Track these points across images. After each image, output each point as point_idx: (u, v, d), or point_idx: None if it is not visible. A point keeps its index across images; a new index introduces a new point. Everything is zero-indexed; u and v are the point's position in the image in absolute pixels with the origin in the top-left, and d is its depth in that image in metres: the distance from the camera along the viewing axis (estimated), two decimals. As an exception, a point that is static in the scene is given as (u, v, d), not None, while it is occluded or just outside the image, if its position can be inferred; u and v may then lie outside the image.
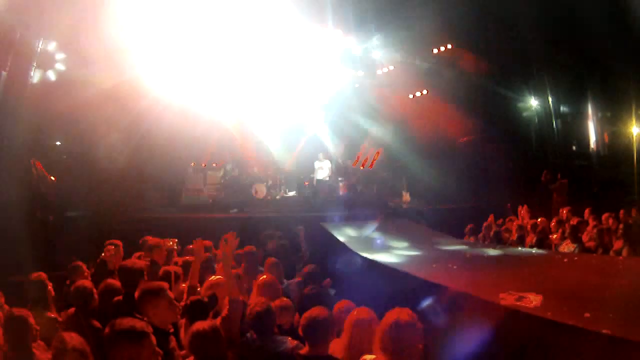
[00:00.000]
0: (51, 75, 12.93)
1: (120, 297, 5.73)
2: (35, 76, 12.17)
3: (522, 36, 17.95)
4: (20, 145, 12.13)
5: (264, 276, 6.20)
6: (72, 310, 5.65)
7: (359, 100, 21.50)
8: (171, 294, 4.57)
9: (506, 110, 18.81)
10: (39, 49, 12.23)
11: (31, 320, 4.55)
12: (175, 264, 7.59)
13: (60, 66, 13.10)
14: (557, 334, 4.20)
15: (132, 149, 15.09)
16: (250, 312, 4.82)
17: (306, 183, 17.58)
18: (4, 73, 11.44)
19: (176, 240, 9.10)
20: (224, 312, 4.98)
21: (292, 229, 10.14)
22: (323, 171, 18.34)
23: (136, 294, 4.53)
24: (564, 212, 12.88)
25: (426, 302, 5.81)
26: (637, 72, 16.13)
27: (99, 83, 13.42)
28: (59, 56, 13.07)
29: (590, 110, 18.54)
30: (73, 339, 3.90)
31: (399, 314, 3.89)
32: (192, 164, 18.69)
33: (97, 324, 5.14)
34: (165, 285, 4.67)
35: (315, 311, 4.41)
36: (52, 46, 12.87)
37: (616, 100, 17.84)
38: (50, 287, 6.02)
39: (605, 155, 18.25)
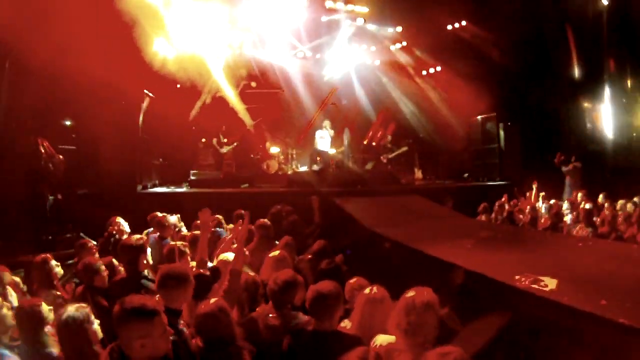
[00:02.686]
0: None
1: (124, 275, 5.75)
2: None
3: (539, 15, 17.73)
4: (29, 125, 12.19)
5: (276, 252, 6.17)
6: (80, 288, 5.65)
7: (371, 75, 21.40)
8: (191, 284, 4.50)
9: (520, 90, 18.59)
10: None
11: (42, 309, 4.49)
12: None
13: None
14: (573, 320, 4.16)
15: (140, 125, 15.08)
16: (275, 280, 4.78)
17: (318, 158, 17.43)
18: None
19: (178, 215, 9.13)
20: (224, 284, 4.94)
21: (305, 199, 10.09)
22: (324, 140, 17.95)
23: (159, 276, 4.45)
24: (579, 195, 12.82)
25: (440, 281, 5.77)
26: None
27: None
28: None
29: (606, 95, 18.36)
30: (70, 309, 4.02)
31: (419, 293, 3.82)
32: (203, 139, 18.72)
33: (104, 302, 5.11)
34: (190, 270, 4.60)
35: (322, 285, 4.31)
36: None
37: (633, 87, 17.66)
38: (55, 267, 6.00)
39: (619, 141, 18.09)
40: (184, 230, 9.08)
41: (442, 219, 10.61)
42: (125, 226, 8.54)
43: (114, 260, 6.26)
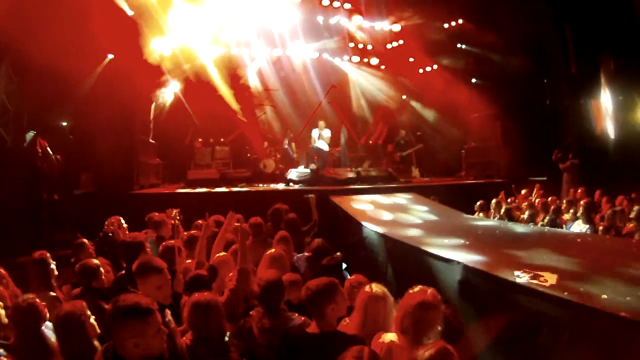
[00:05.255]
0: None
1: (122, 273, 5.68)
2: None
3: (537, 12, 17.72)
4: (25, 125, 12.18)
5: (273, 250, 6.13)
6: (77, 290, 5.58)
7: (368, 74, 21.35)
8: (168, 275, 4.41)
9: (519, 87, 18.58)
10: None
11: (39, 305, 4.45)
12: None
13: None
14: (574, 315, 4.13)
15: (137, 125, 15.05)
16: (259, 282, 4.70)
17: (315, 157, 17.41)
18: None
19: (178, 210, 9.04)
20: (232, 283, 4.88)
21: (302, 198, 10.04)
22: (321, 139, 17.63)
23: (135, 266, 4.41)
24: (578, 192, 12.80)
25: (439, 278, 5.75)
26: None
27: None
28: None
29: (605, 92, 18.34)
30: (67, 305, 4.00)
31: (423, 294, 3.79)
32: (200, 139, 18.75)
33: (103, 304, 4.94)
34: (163, 264, 4.53)
35: (313, 282, 4.20)
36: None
37: (631, 84, 17.64)
38: (53, 266, 5.89)
39: (617, 138, 18.07)
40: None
41: (440, 217, 10.59)
42: (123, 226, 8.49)
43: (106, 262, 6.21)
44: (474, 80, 20.16)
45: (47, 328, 4.45)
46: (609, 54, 17.55)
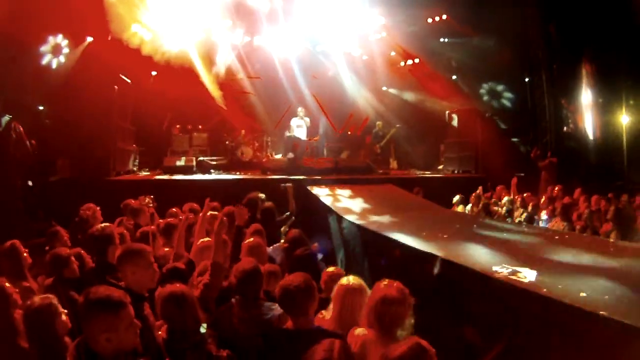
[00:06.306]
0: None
1: (93, 265, 5.56)
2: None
3: (521, 11, 17.79)
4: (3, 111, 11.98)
5: (251, 239, 6.02)
6: (49, 280, 5.43)
7: (350, 65, 21.25)
8: (152, 258, 4.31)
9: (499, 84, 18.68)
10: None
11: (9, 288, 4.35)
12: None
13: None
14: (553, 311, 4.09)
15: (115, 111, 14.84)
16: (236, 271, 4.60)
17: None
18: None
19: (152, 197, 8.89)
20: (206, 277, 4.77)
21: (279, 187, 9.95)
22: (301, 129, 17.88)
23: (117, 253, 4.29)
24: (555, 190, 12.84)
25: (416, 271, 5.69)
26: (629, 60, 16.19)
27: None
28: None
29: (585, 93, 18.47)
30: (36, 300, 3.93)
31: (387, 289, 3.76)
32: (178, 126, 18.60)
33: (75, 294, 4.82)
34: (148, 248, 4.42)
35: (290, 280, 4.04)
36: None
37: (611, 86, 17.78)
38: (25, 255, 5.72)
39: (596, 139, 18.23)
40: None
41: (417, 210, 10.56)
42: (97, 213, 8.34)
43: (82, 252, 6.05)
44: (454, 77, 20.24)
45: None
46: (592, 55, 17.67)
